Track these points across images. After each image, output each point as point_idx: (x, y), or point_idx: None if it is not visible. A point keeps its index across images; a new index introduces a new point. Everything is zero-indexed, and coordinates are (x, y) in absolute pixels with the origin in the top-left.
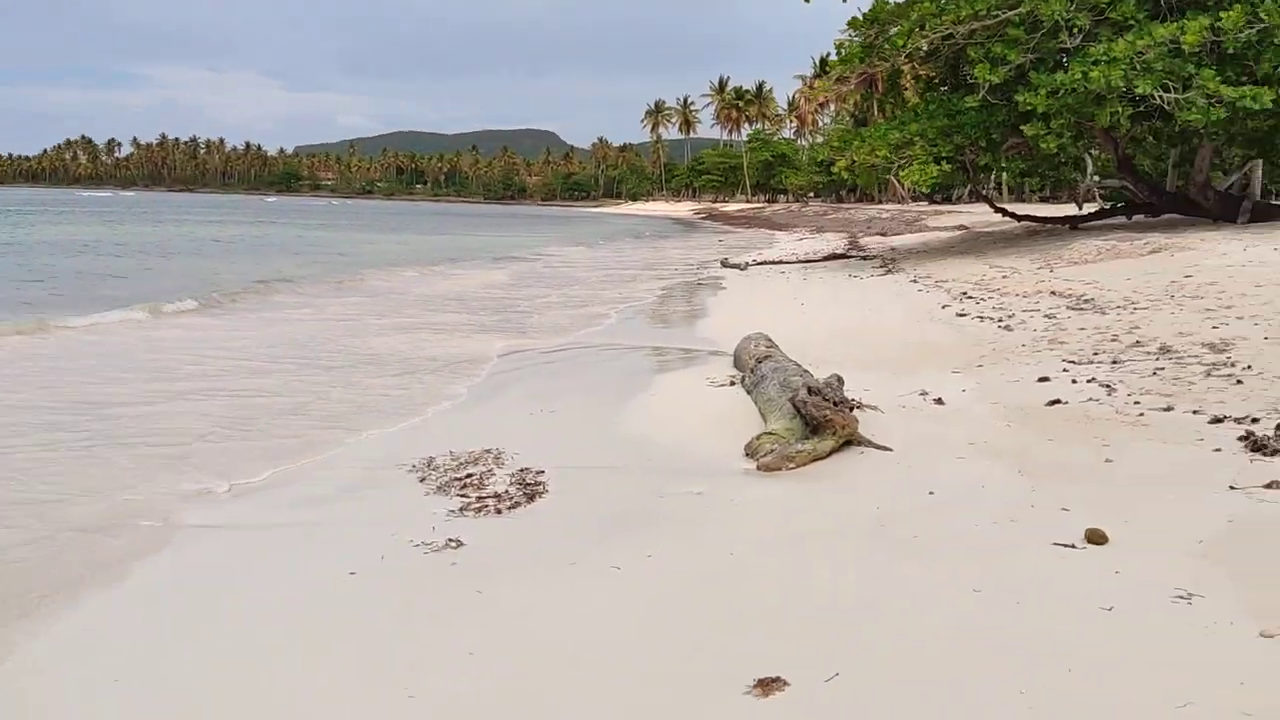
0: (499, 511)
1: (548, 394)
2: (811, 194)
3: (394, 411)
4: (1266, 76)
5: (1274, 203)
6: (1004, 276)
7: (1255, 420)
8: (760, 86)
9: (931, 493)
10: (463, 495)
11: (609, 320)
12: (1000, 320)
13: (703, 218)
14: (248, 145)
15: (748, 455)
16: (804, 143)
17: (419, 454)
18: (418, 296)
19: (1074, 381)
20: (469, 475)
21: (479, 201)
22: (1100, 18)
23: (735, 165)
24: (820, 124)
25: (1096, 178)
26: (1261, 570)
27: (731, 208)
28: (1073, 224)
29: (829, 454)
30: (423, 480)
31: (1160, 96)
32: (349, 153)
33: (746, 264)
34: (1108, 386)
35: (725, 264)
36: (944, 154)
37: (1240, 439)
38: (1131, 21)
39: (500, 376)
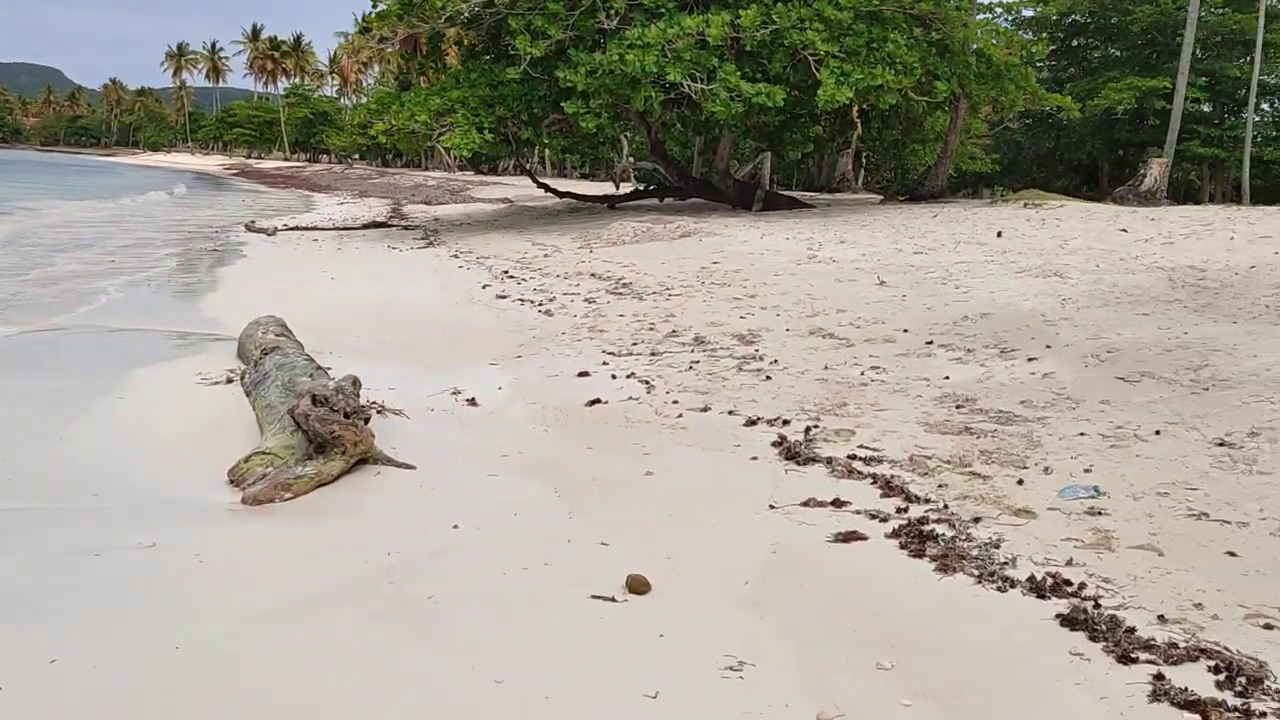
0: None
1: None
2: (356, 156)
3: None
4: (778, 75)
5: (781, 192)
6: (546, 255)
7: (786, 423)
8: (299, 39)
9: (456, 526)
10: None
11: (103, 298)
12: (541, 304)
13: (235, 174)
14: None
15: (232, 483)
16: (347, 102)
17: None
18: None
19: (614, 377)
20: None
21: None
22: (634, 2)
23: (271, 120)
24: (365, 84)
25: (632, 159)
26: (809, 621)
27: (268, 165)
28: (611, 203)
29: (338, 477)
30: None
31: (688, 85)
32: None
33: (275, 229)
34: (647, 383)
35: (250, 228)
36: (486, 124)
37: (774, 444)
38: (663, 10)
39: None
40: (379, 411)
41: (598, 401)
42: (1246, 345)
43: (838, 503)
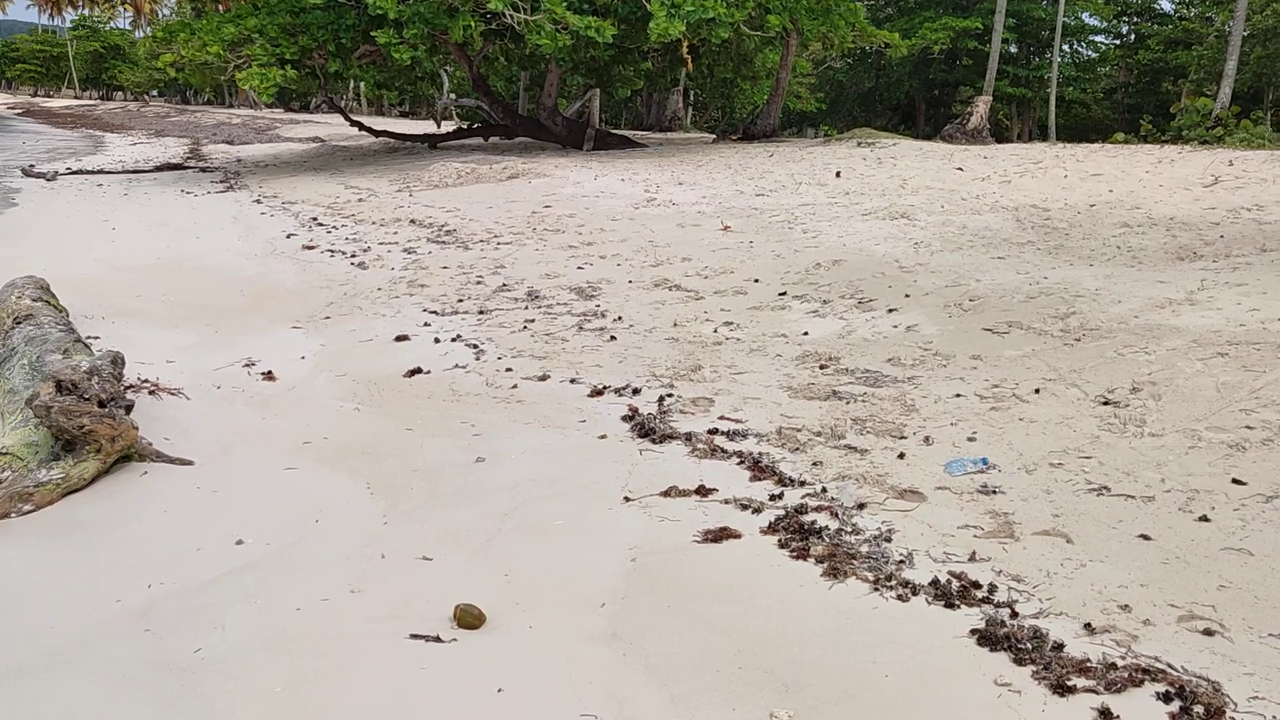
0: None
1: None
2: (154, 93)
3: None
4: (607, 7)
5: (614, 131)
6: (360, 200)
7: (636, 391)
8: None
9: (240, 541)
10: None
11: None
12: (354, 255)
13: (19, 114)
14: None
15: None
16: (142, 35)
17: None
18: None
19: (437, 340)
20: None
21: None
22: None
23: (59, 55)
24: (161, 16)
25: (453, 95)
26: (682, 656)
27: (56, 104)
28: (431, 143)
29: (93, 480)
30: None
31: (510, 15)
32: None
33: (55, 173)
34: (475, 347)
35: (27, 172)
36: (289, 56)
37: (625, 419)
38: None
39: None
40: (151, 392)
41: (418, 371)
42: (1109, 290)
43: (702, 490)
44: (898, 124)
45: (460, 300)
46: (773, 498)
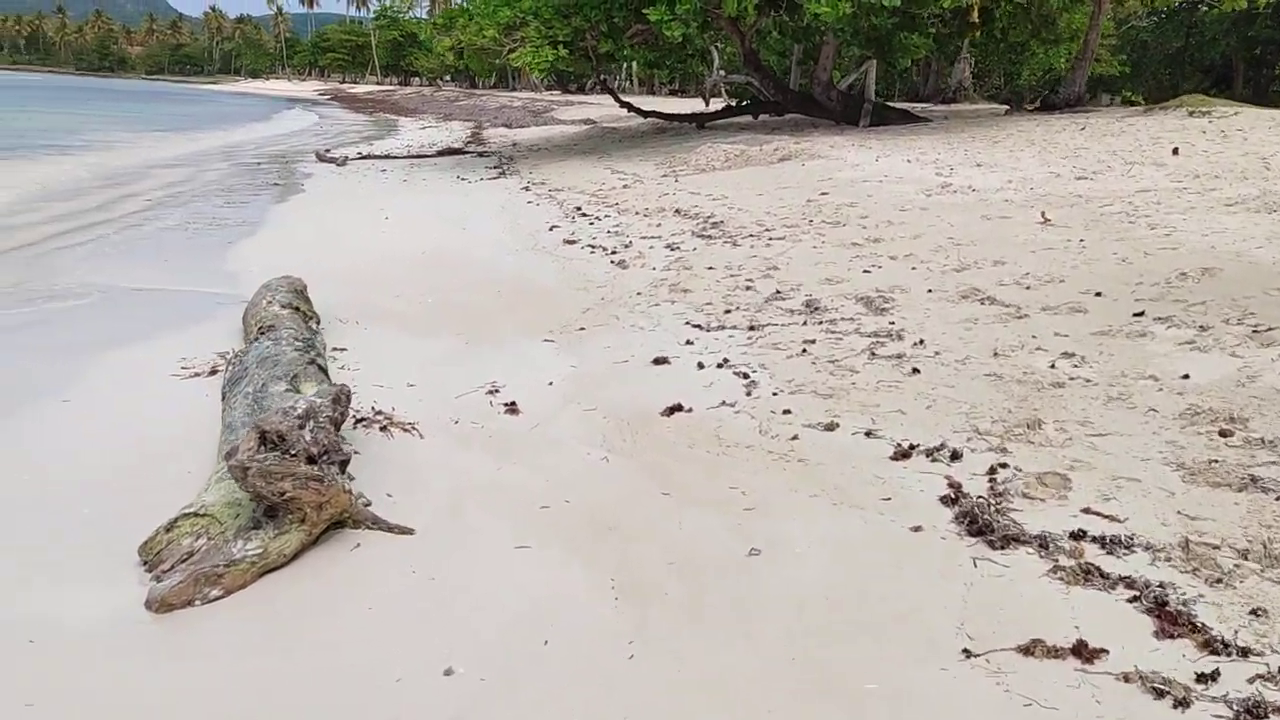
0: None
1: None
2: (446, 78)
3: None
4: None
5: (891, 105)
6: (625, 186)
7: (956, 456)
8: None
9: (449, 672)
10: None
11: (118, 243)
12: (614, 252)
13: (327, 99)
14: None
15: (145, 565)
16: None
17: None
18: None
19: (701, 366)
20: None
21: (69, 73)
22: None
23: (363, 44)
24: (452, 4)
25: (723, 72)
26: None
27: (360, 89)
28: (699, 122)
29: (296, 555)
30: None
31: None
32: None
33: (346, 158)
34: (745, 376)
35: (321, 157)
36: (561, 38)
37: (945, 500)
38: None
39: None
40: (384, 428)
41: (678, 409)
42: None
43: (1084, 651)
44: (1208, 87)
45: (727, 311)
46: (1201, 678)
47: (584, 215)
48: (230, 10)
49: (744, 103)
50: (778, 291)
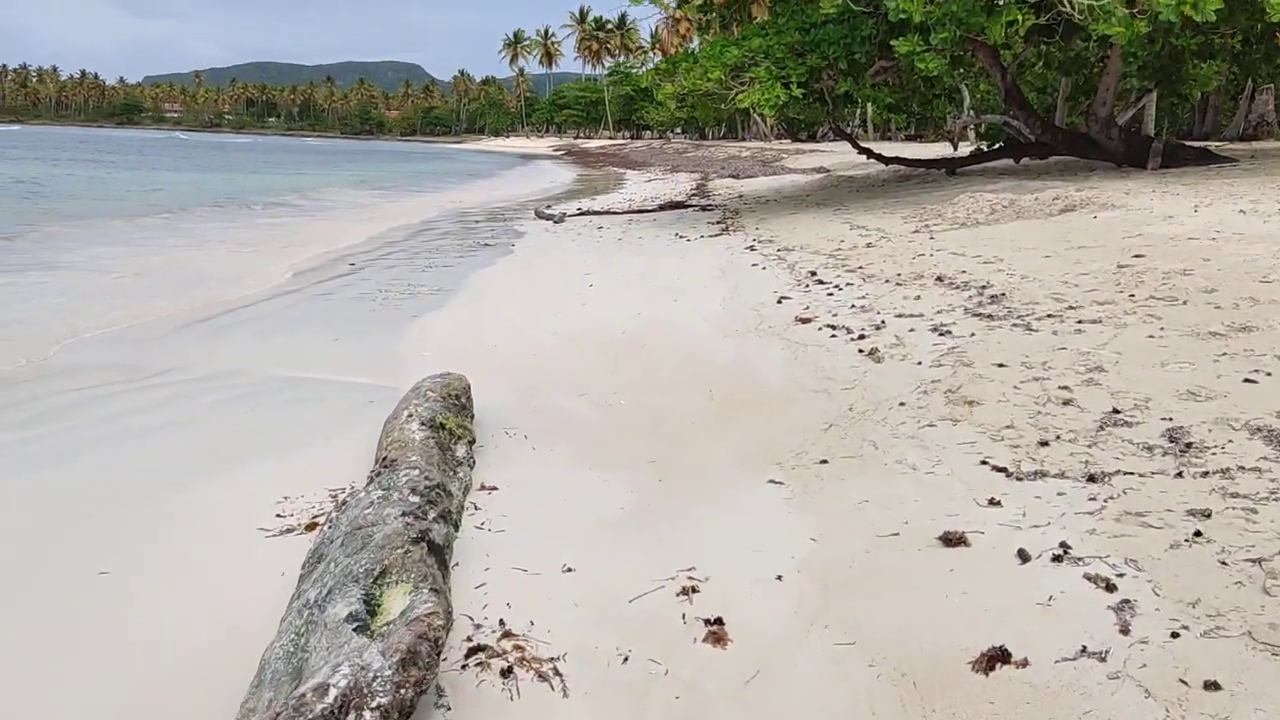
0: None
1: None
2: (677, 130)
3: None
4: None
5: (1187, 144)
6: (869, 245)
7: None
8: (623, 18)
9: None
10: None
11: (299, 307)
12: (862, 335)
13: (561, 154)
14: (83, 74)
15: None
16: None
17: None
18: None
19: (1024, 557)
20: None
21: (334, 136)
22: None
23: (597, 100)
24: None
25: (972, 112)
26: None
27: (593, 144)
28: (950, 168)
29: None
30: None
31: (1069, 2)
32: (195, 83)
33: (563, 215)
34: (1108, 586)
35: (540, 214)
36: (794, 78)
37: None
38: None
39: None
40: (505, 672)
41: (1001, 659)
42: None
43: None
44: None
45: (1043, 443)
46: None
47: (820, 283)
48: (476, 73)
49: (998, 145)
50: (1115, 410)
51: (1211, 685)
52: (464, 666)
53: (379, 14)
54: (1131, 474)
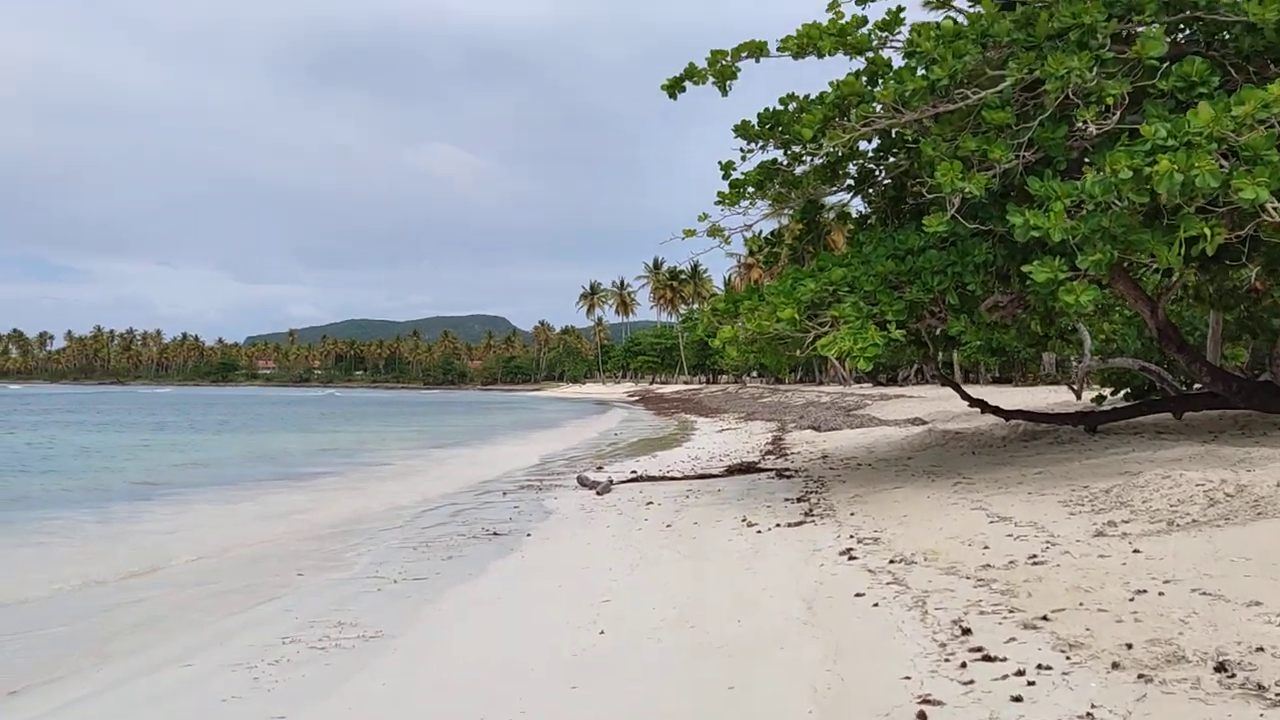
0: None
1: None
2: (753, 373)
3: None
4: None
5: None
6: (1033, 557)
7: None
8: (695, 267)
9: None
10: None
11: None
12: None
13: (635, 400)
14: (184, 336)
15: None
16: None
17: None
18: None
19: None
20: None
21: (418, 387)
22: (1142, 88)
23: (671, 346)
24: None
25: (1095, 359)
26: None
27: (668, 389)
28: (1090, 425)
29: None
30: None
31: (1275, 207)
32: (289, 341)
33: (609, 482)
34: None
35: (583, 481)
36: (891, 315)
37: None
38: (1198, 92)
39: None
40: None
41: None
42: None
43: None
44: None
45: None
46: None
47: (974, 649)
48: (557, 323)
49: (1150, 397)
50: None
51: None
52: None
53: (469, 273)
54: None
